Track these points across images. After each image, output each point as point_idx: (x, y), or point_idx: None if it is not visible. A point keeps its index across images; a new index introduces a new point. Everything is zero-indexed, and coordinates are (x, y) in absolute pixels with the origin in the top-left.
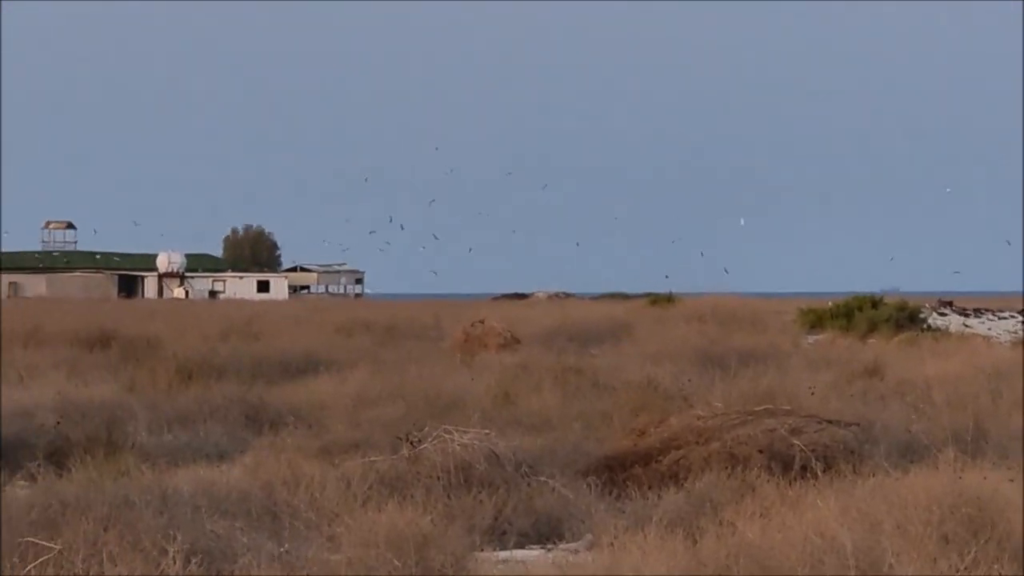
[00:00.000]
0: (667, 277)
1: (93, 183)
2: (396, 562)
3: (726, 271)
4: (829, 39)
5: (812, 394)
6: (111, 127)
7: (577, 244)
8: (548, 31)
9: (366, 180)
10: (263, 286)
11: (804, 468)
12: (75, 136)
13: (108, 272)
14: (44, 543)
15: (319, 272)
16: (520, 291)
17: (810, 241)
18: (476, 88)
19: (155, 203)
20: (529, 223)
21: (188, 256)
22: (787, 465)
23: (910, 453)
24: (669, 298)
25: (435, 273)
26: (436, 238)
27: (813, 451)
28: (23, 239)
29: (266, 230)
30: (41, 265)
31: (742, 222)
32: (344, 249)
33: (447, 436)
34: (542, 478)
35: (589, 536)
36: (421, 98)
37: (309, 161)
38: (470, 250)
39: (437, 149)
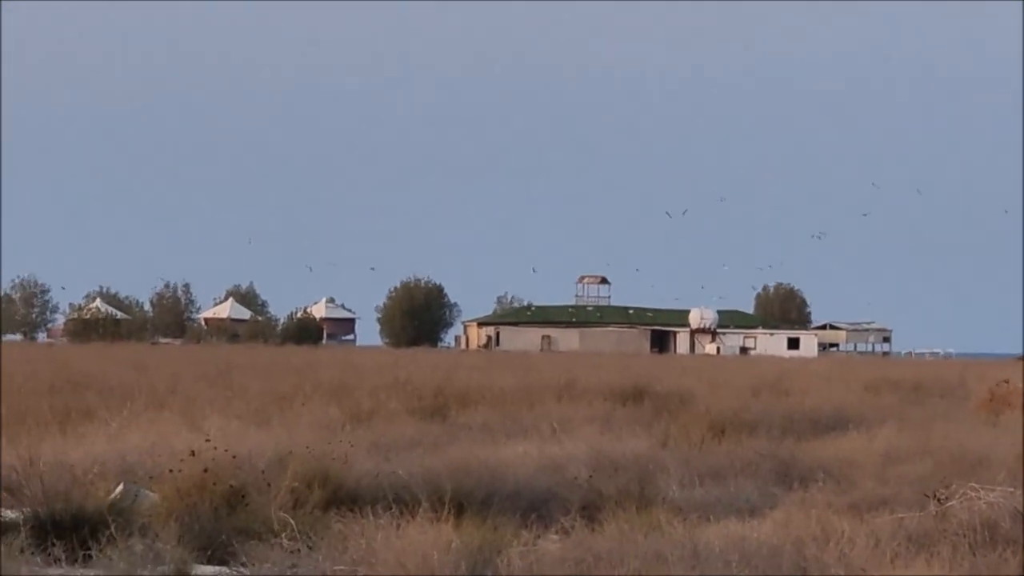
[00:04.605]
0: None
1: (626, 238)
2: None
3: None
4: None
5: None
6: (655, 185)
7: None
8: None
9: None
10: (793, 343)
11: None
12: (614, 190)
13: (640, 327)
14: None
15: (848, 330)
16: None
17: None
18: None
19: (688, 259)
20: None
21: (720, 313)
22: None
23: None
24: None
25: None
26: None
27: None
28: (558, 294)
29: (795, 288)
30: (574, 320)
31: None
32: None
33: (973, 494)
34: None
35: None
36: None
37: (837, 218)
38: None
39: (1007, 212)
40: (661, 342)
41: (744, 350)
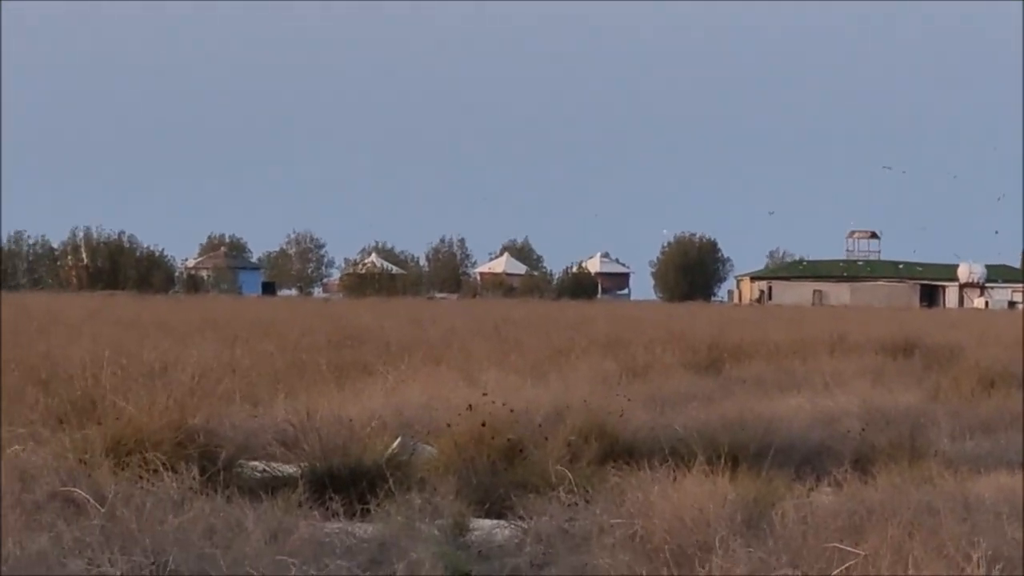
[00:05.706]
0: None
1: (897, 192)
2: None
3: None
4: None
5: None
6: (924, 138)
7: None
8: None
9: None
10: None
11: None
12: (886, 144)
13: (910, 281)
14: (850, 549)
15: None
16: None
17: None
18: None
19: (958, 214)
20: None
21: (988, 267)
22: None
23: None
24: None
25: None
26: None
27: None
28: (828, 248)
29: None
30: (845, 274)
31: None
32: None
33: None
34: None
35: None
36: None
37: None
38: None
39: None
40: (930, 296)
41: (1012, 304)
